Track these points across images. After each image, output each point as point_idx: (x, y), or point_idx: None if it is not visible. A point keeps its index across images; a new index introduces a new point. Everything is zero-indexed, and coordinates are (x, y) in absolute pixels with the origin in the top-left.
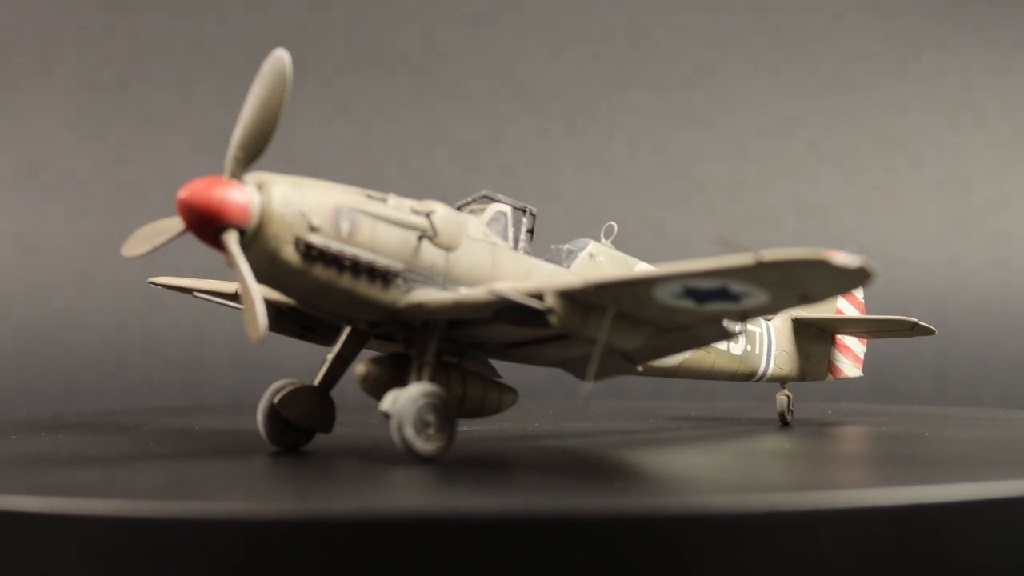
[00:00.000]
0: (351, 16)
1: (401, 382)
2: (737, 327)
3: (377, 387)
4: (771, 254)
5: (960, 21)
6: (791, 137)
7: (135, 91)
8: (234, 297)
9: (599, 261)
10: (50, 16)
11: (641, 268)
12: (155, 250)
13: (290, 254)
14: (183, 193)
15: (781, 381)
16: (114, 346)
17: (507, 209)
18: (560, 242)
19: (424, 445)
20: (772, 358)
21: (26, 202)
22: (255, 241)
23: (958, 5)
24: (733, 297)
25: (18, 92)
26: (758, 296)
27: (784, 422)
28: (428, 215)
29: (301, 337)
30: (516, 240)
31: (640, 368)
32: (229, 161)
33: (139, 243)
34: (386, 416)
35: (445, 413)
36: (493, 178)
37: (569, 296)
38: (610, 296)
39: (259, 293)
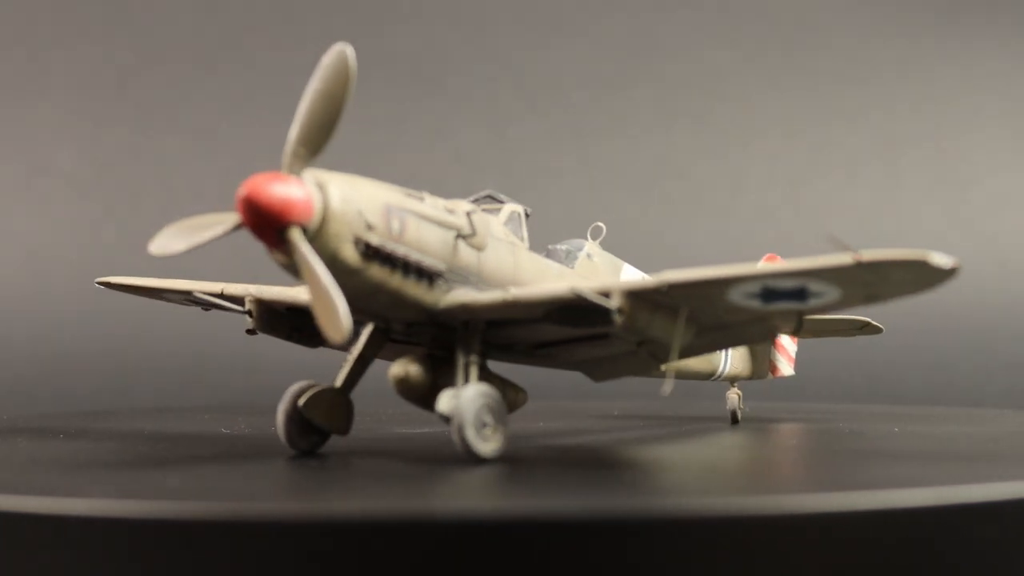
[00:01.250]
0: (351, 16)
1: (437, 383)
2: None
3: (415, 389)
4: (871, 254)
5: (960, 21)
6: (791, 137)
7: (135, 91)
8: (220, 296)
9: (595, 262)
10: (50, 16)
11: (627, 270)
12: (196, 248)
13: (350, 254)
14: (246, 189)
15: (732, 380)
16: (112, 347)
17: (520, 209)
18: (553, 242)
19: (483, 446)
20: (730, 357)
21: (26, 203)
22: (316, 240)
23: (958, 5)
24: (803, 296)
25: (17, 92)
26: (829, 295)
27: (735, 420)
28: (468, 214)
29: (288, 338)
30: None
31: (664, 368)
32: (288, 156)
33: (174, 240)
34: (444, 418)
35: (500, 413)
36: (493, 178)
37: (638, 296)
38: (682, 296)
39: (337, 290)
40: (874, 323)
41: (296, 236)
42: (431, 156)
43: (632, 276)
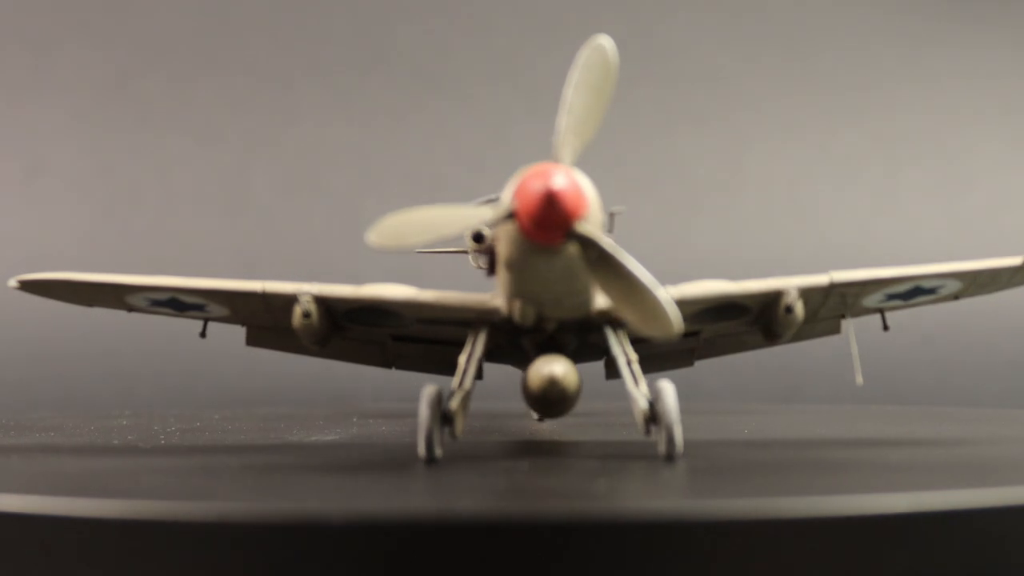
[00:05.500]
0: (352, 16)
1: (576, 384)
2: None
3: (565, 389)
4: None
5: (961, 21)
6: (791, 137)
7: (135, 91)
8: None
9: None
10: (49, 16)
11: None
12: (442, 244)
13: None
14: (546, 181)
15: None
16: (113, 348)
17: None
18: None
19: (681, 442)
20: None
21: (26, 203)
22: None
23: (959, 5)
24: (912, 295)
25: (17, 92)
26: (943, 292)
27: (542, 418)
28: (611, 214)
29: (319, 343)
30: None
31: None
32: (559, 148)
33: (406, 233)
34: (649, 417)
35: None
36: (493, 178)
37: (809, 293)
38: (839, 294)
39: (655, 282)
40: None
41: (594, 231)
42: (431, 156)
43: None
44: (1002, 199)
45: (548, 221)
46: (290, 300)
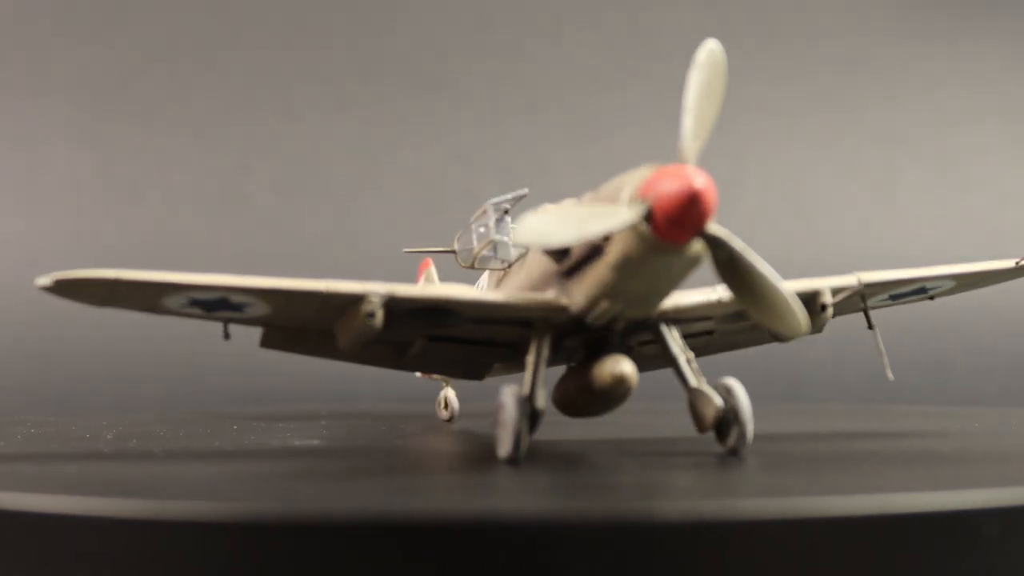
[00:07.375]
0: (351, 15)
1: (636, 383)
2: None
3: (631, 388)
4: None
5: (962, 20)
6: (791, 137)
7: (135, 91)
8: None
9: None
10: (49, 16)
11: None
12: (584, 242)
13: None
14: (693, 182)
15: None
16: (113, 348)
17: None
18: None
19: (752, 437)
20: None
21: (26, 203)
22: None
23: (960, 5)
24: (903, 296)
25: (17, 92)
26: (929, 292)
27: (451, 419)
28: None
29: (359, 346)
30: None
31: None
32: (688, 151)
33: (558, 228)
34: (724, 418)
35: None
36: (493, 178)
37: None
38: (859, 294)
39: (783, 282)
40: None
41: (726, 231)
42: (431, 156)
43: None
44: (1001, 199)
45: (687, 221)
46: (351, 301)
